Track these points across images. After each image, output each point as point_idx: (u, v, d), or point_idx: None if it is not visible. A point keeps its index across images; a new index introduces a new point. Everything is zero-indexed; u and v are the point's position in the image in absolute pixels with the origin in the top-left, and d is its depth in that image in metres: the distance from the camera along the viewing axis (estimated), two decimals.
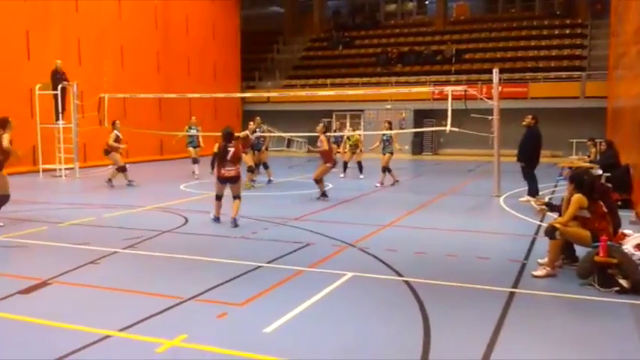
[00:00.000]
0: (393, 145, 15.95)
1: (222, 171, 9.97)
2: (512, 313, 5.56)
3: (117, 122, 15.88)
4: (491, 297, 6.06)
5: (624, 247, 7.16)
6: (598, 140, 18.58)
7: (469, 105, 14.24)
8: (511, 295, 6.10)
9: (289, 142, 31.93)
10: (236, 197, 10.00)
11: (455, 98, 14.39)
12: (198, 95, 21.10)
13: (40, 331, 5.13)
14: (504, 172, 14.19)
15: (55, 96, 18.10)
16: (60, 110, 18.17)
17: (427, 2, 39.20)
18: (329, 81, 31.29)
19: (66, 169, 17.97)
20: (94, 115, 17.56)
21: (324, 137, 12.98)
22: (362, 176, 17.54)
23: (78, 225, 10.07)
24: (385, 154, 15.76)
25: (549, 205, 7.93)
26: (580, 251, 6.97)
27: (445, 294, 6.19)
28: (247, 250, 8.25)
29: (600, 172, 11.99)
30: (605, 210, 6.78)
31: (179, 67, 26.92)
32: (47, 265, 7.24)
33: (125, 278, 6.82)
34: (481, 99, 15.03)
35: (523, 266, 7.26)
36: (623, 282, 6.10)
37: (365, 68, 32.96)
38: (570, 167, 14.37)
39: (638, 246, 7.48)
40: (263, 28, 37.79)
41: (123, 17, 23.65)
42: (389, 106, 28.83)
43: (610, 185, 10.82)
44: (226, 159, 9.91)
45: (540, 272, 6.77)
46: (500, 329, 5.14)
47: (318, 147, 13.18)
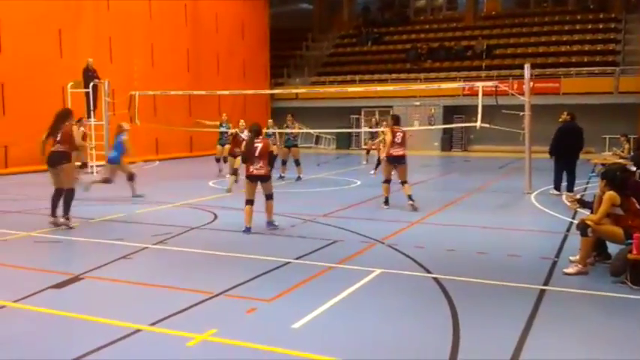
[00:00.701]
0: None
1: (250, 168, 9.34)
2: (542, 311, 5.49)
3: (82, 119, 16.17)
4: (521, 295, 5.98)
5: None
6: (631, 136, 18.18)
7: (500, 101, 14.06)
8: (542, 293, 6.02)
9: (317, 139, 31.98)
10: (269, 197, 9.48)
11: (485, 94, 14.21)
12: (227, 92, 21.27)
13: (72, 325, 5.23)
14: (536, 169, 13.99)
15: (87, 94, 18.43)
16: (91, 108, 18.50)
17: None
18: (358, 77, 31.22)
19: (97, 166, 18.28)
20: (125, 113, 17.81)
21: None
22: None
23: (109, 221, 10.26)
24: None
25: (581, 202, 7.78)
26: (612, 248, 6.84)
27: (475, 291, 6.14)
28: (276, 247, 8.30)
29: (634, 169, 11.73)
30: (638, 207, 6.64)
31: (209, 65, 27.16)
32: (79, 261, 7.40)
33: (155, 273, 6.92)
34: (512, 95, 14.83)
35: (554, 264, 7.15)
36: None
37: (394, 64, 32.79)
38: (603, 164, 14.11)
39: None
40: (292, 25, 37.87)
41: (153, 15, 23.98)
42: (418, 103, 28.65)
43: None
44: (254, 155, 9.32)
45: (572, 270, 6.66)
46: (530, 327, 5.07)
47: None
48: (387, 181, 11.23)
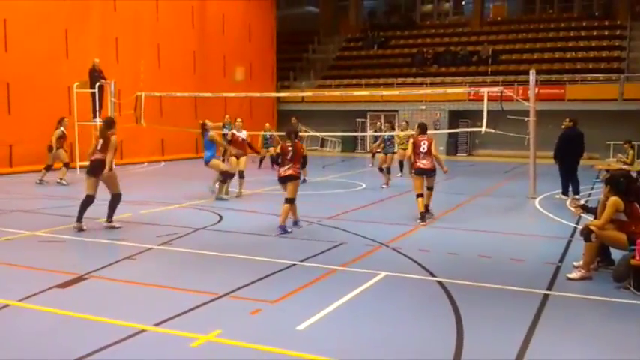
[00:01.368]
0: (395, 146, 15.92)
1: (279, 170, 9.71)
2: (546, 315, 5.51)
3: (65, 120, 16.13)
4: (525, 299, 6.00)
5: None
6: (635, 143, 18.16)
7: (505, 106, 14.06)
8: (545, 297, 6.04)
9: (323, 142, 32.02)
10: (288, 200, 9.52)
11: (491, 99, 14.22)
12: (233, 94, 21.30)
13: (76, 325, 5.25)
14: (540, 174, 13.98)
15: (93, 94, 18.50)
16: (97, 108, 18.56)
17: (463, 3, 38.83)
18: (364, 81, 31.25)
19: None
20: (131, 113, 17.88)
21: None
22: (399, 174, 17.51)
23: (115, 221, 10.26)
24: (387, 154, 15.63)
25: (585, 208, 7.81)
26: (616, 254, 6.85)
27: (479, 295, 6.16)
28: (281, 249, 8.33)
29: (636, 175, 11.76)
30: None
31: (215, 67, 27.22)
32: (84, 260, 7.44)
33: (160, 274, 6.96)
34: (517, 100, 14.83)
35: (558, 268, 7.16)
36: None
37: (400, 69, 32.80)
38: (607, 170, 14.11)
39: None
40: (298, 28, 37.93)
41: (160, 17, 24.06)
42: (423, 107, 28.66)
43: None
44: (286, 158, 9.62)
45: (575, 275, 6.68)
46: (533, 331, 5.09)
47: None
48: (421, 195, 10.29)
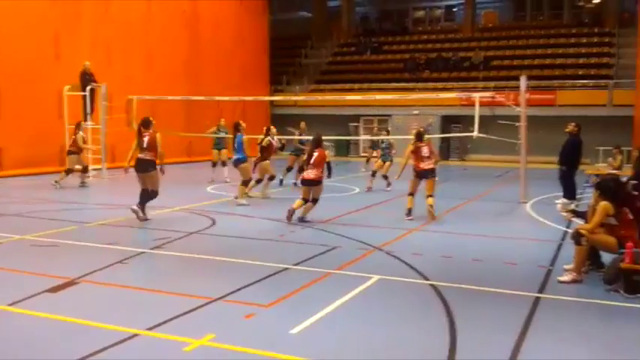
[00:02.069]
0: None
1: (304, 174, 10.70)
2: (537, 318, 5.55)
3: (81, 123, 16.22)
4: (517, 302, 6.04)
5: None
6: (624, 148, 18.32)
7: (496, 111, 14.19)
8: (537, 301, 6.08)
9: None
10: (313, 200, 10.57)
11: (482, 104, 14.33)
12: (226, 98, 21.30)
13: (68, 330, 5.20)
14: (531, 179, 14.08)
15: (84, 97, 18.43)
16: (88, 111, 18.49)
17: (455, 9, 39.10)
18: (357, 86, 31.36)
19: (94, 170, 18.27)
20: (122, 117, 17.84)
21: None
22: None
23: (106, 225, 10.25)
24: (386, 162, 15.65)
25: (575, 212, 7.90)
26: (606, 258, 6.92)
27: (471, 298, 6.19)
28: (274, 253, 8.34)
29: (625, 179, 11.87)
30: (631, 217, 6.74)
31: (208, 71, 27.19)
32: (75, 265, 7.36)
33: (153, 278, 6.94)
34: (508, 106, 14.93)
35: (549, 272, 7.22)
36: None
37: (393, 74, 32.94)
38: (597, 175, 14.21)
39: None
40: (291, 33, 38.03)
41: (152, 20, 24.03)
42: (416, 112, 28.77)
43: (636, 193, 10.67)
44: (309, 162, 10.52)
45: (566, 278, 6.74)
46: (525, 334, 5.13)
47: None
48: (412, 194, 11.14)
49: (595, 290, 6.41)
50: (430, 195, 11.00)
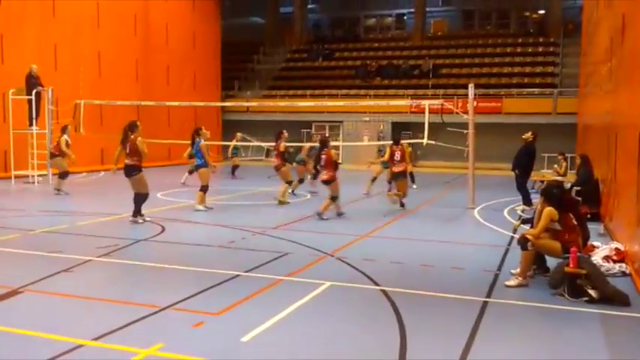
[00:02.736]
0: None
1: (320, 176, 12.09)
2: (485, 322, 5.67)
3: (68, 127, 15.88)
4: (465, 306, 6.16)
5: (593, 259, 7.38)
6: (568, 155, 18.99)
7: (445, 119, 14.46)
8: (485, 305, 6.21)
9: (268, 152, 31.92)
10: (332, 198, 11.79)
11: (432, 112, 14.59)
12: (176, 103, 21.02)
13: (11, 340, 5.05)
14: (479, 185, 14.39)
15: (30, 101, 17.85)
16: (34, 116, 17.93)
17: (406, 18, 39.74)
18: (309, 92, 31.43)
19: (38, 176, 17.72)
20: (69, 122, 17.36)
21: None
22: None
23: (50, 232, 9.96)
24: (386, 168, 15.81)
25: (523, 221, 8.13)
26: (551, 262, 7.13)
27: (421, 303, 6.28)
28: (225, 260, 8.25)
29: (569, 186, 12.30)
30: (574, 222, 6.95)
31: (158, 76, 26.78)
32: (19, 273, 7.13)
33: (99, 287, 6.77)
34: (457, 113, 15.26)
35: (496, 276, 7.38)
36: (592, 292, 6.25)
37: (344, 80, 33.20)
38: (542, 181, 14.67)
39: (606, 257, 7.71)
40: (244, 38, 37.84)
41: (101, 23, 23.50)
42: (367, 118, 29.05)
43: (579, 199, 11.08)
44: (320, 164, 11.84)
45: (513, 282, 6.91)
46: (474, 337, 5.23)
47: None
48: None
49: (540, 294, 6.60)
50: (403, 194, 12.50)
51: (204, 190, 12.56)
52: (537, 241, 6.85)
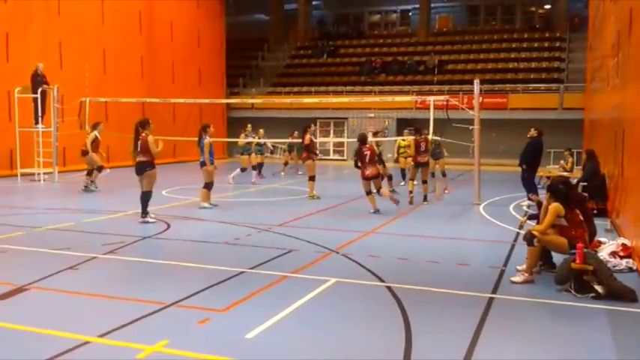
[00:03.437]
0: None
1: (365, 172, 11.95)
2: (491, 318, 5.64)
3: (100, 124, 15.86)
4: (471, 302, 6.13)
5: (600, 255, 7.34)
6: (575, 150, 18.90)
7: (450, 115, 14.41)
8: (490, 301, 6.19)
9: (273, 149, 31.95)
10: (377, 191, 12.07)
11: (437, 108, 14.55)
12: (181, 100, 21.04)
13: (18, 338, 5.07)
14: (484, 181, 14.34)
15: (35, 99, 17.91)
16: (40, 114, 17.98)
17: (410, 14, 39.60)
18: (313, 89, 31.39)
19: (45, 174, 17.78)
20: (75, 119, 17.42)
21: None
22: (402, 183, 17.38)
23: (56, 230, 9.98)
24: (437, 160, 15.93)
25: (529, 217, 8.09)
26: (557, 258, 7.10)
27: (426, 300, 6.26)
28: (230, 256, 8.25)
29: (576, 181, 12.24)
30: (581, 218, 6.92)
31: (163, 73, 26.80)
32: (24, 271, 7.16)
33: (105, 284, 6.78)
34: (462, 109, 15.21)
35: (502, 272, 7.35)
36: (598, 288, 6.22)
37: (349, 77, 33.14)
38: (548, 177, 14.61)
39: (612, 253, 7.67)
40: (248, 36, 37.82)
41: (106, 21, 23.52)
42: (372, 115, 28.99)
43: (586, 194, 11.03)
44: (365, 161, 11.89)
45: (519, 278, 6.88)
46: (479, 334, 5.21)
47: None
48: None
49: (547, 290, 6.56)
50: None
51: (208, 188, 12.57)
52: (544, 237, 6.81)
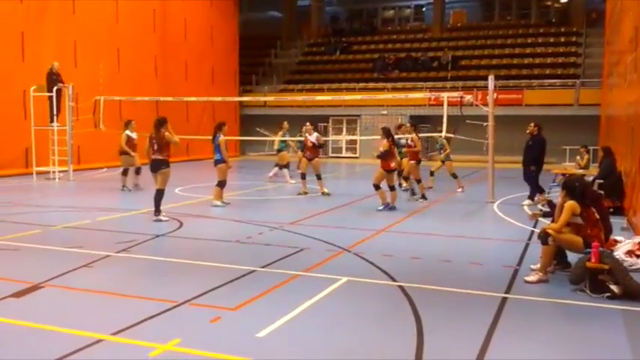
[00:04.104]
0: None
1: (391, 164, 12.16)
2: (504, 318, 5.59)
3: (131, 122, 15.60)
4: (484, 302, 6.08)
5: (615, 254, 7.24)
6: (591, 147, 18.68)
7: (464, 111, 14.30)
8: (504, 301, 6.13)
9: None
10: (391, 188, 12.26)
11: (451, 104, 14.44)
12: (194, 99, 21.12)
13: (32, 335, 5.11)
14: (498, 179, 14.22)
15: (50, 98, 18.06)
16: (55, 112, 18.14)
17: (424, 9, 39.42)
18: (326, 86, 31.36)
19: (60, 172, 17.94)
20: (89, 118, 17.55)
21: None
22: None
23: (71, 228, 10.06)
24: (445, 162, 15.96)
25: (543, 213, 7.98)
26: (572, 257, 7.01)
27: (439, 299, 6.21)
28: (241, 255, 8.26)
29: (591, 179, 12.09)
30: (597, 217, 6.82)
31: (177, 71, 26.91)
32: (40, 269, 7.23)
33: (118, 282, 6.82)
34: (476, 105, 15.08)
35: (516, 272, 7.29)
36: (614, 288, 6.13)
37: (362, 74, 33.06)
38: (563, 174, 14.45)
39: (629, 252, 7.56)
40: (261, 33, 37.87)
41: (120, 20, 23.66)
42: (385, 112, 28.88)
43: (602, 192, 10.89)
44: (393, 154, 12.21)
45: (533, 278, 6.80)
46: (492, 334, 5.16)
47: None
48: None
49: (561, 290, 6.48)
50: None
51: (221, 186, 12.60)
52: (558, 236, 6.73)
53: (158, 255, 8.06)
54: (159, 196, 10.82)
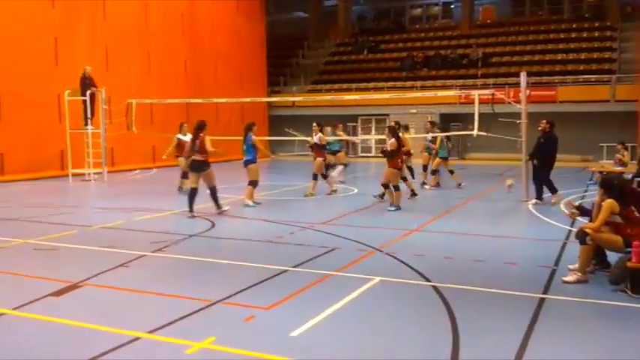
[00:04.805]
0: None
1: (400, 163, 12.49)
2: (542, 320, 5.47)
3: (183, 125, 15.20)
4: (520, 303, 5.97)
5: None
6: (629, 144, 18.23)
7: (496, 109, 14.11)
8: (541, 301, 6.00)
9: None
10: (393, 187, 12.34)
11: (482, 102, 14.26)
12: (224, 100, 21.30)
13: (71, 333, 5.21)
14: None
15: (84, 102, 18.42)
16: (89, 116, 18.49)
17: (452, 6, 39.05)
18: (354, 85, 31.31)
19: (94, 174, 18.27)
20: (122, 121, 17.83)
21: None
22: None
23: (107, 228, 10.22)
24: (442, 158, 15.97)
25: (581, 209, 7.77)
26: (612, 257, 6.84)
27: (473, 299, 6.13)
28: (274, 255, 8.29)
29: (631, 177, 11.80)
30: (637, 215, 6.64)
31: (206, 73, 27.18)
32: (77, 268, 7.36)
33: (154, 281, 6.89)
34: (509, 103, 14.87)
35: (553, 272, 7.14)
36: None
37: (390, 72, 32.91)
38: (601, 172, 14.14)
39: None
40: (288, 33, 38.01)
41: (150, 23, 23.99)
42: (414, 111, 28.72)
43: None
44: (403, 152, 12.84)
45: (571, 278, 6.65)
46: (530, 335, 5.06)
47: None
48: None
49: (601, 290, 6.32)
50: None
51: (253, 186, 12.66)
52: (597, 235, 6.56)
53: (192, 255, 8.13)
54: (214, 192, 11.56)
